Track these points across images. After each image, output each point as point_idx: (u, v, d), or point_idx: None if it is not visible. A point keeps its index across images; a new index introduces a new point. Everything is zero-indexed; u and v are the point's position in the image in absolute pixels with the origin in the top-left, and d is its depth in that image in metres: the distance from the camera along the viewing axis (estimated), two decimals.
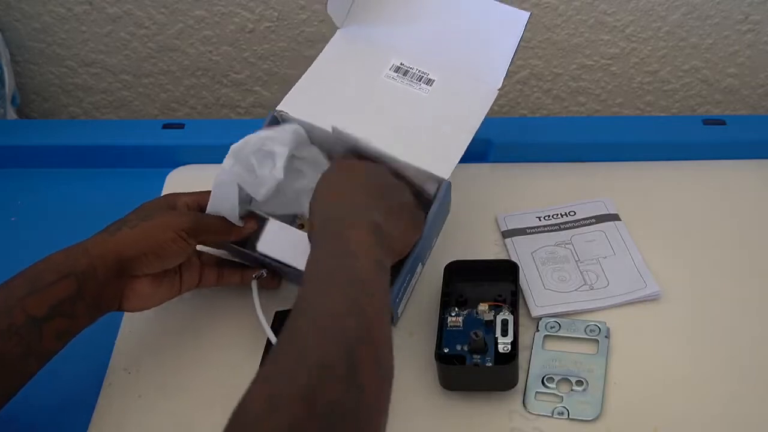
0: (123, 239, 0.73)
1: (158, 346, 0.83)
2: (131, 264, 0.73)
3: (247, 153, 0.76)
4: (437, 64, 0.86)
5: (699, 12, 1.14)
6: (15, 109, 1.27)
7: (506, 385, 0.75)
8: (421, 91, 0.85)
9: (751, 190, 0.93)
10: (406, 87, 0.86)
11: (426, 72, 0.86)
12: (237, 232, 0.79)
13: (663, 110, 1.27)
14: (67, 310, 0.70)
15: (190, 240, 0.75)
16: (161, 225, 0.75)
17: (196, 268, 0.81)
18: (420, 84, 0.86)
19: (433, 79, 0.86)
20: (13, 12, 1.23)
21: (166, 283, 0.78)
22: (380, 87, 0.86)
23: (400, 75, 0.86)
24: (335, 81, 0.87)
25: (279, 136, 0.78)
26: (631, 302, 0.82)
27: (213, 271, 0.82)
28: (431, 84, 0.86)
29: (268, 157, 0.77)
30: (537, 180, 0.95)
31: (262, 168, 0.76)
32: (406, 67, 0.86)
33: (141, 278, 0.75)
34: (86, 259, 0.71)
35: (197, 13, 1.22)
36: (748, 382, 0.76)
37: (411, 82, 0.86)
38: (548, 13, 1.16)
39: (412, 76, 0.86)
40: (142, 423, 0.77)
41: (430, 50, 0.87)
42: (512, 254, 0.86)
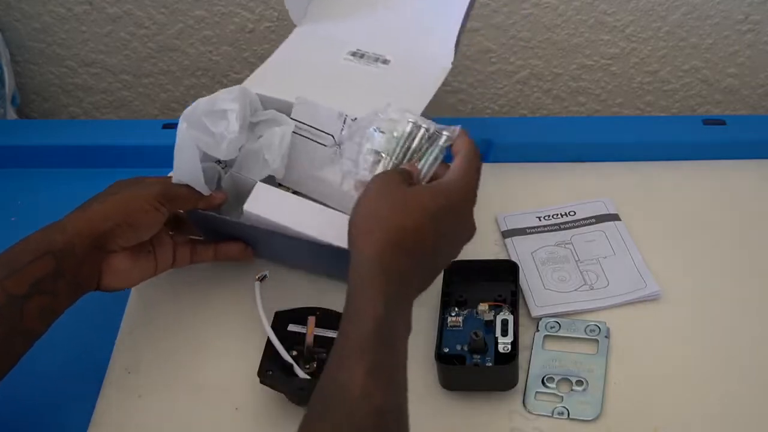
0: (96, 214, 0.75)
1: (158, 346, 0.83)
2: (106, 237, 0.74)
3: (199, 115, 0.79)
4: (392, 49, 0.92)
5: (699, 12, 1.15)
6: (15, 109, 1.27)
7: (506, 385, 0.75)
8: (378, 69, 0.91)
9: (751, 190, 0.93)
10: (363, 66, 0.91)
11: (381, 54, 0.92)
12: (207, 200, 0.80)
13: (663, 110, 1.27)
14: (47, 288, 0.71)
15: (161, 209, 0.77)
16: (131, 196, 0.76)
17: (169, 247, 0.81)
18: (377, 63, 0.91)
19: (389, 60, 0.92)
20: (13, 12, 1.23)
21: (142, 261, 0.79)
22: (339, 67, 0.91)
23: (357, 58, 0.92)
24: (295, 66, 0.92)
25: (227, 95, 0.81)
26: (631, 302, 0.81)
27: (186, 248, 0.83)
28: (387, 63, 0.91)
29: (221, 116, 0.80)
30: (537, 180, 0.95)
31: (217, 126, 0.79)
32: (362, 52, 0.92)
33: (118, 254, 0.76)
34: (62, 237, 0.73)
35: (197, 13, 1.22)
36: (748, 381, 0.76)
37: (368, 62, 0.91)
38: (548, 13, 1.16)
39: (369, 58, 0.92)
40: (142, 423, 0.77)
41: (385, 38, 0.93)
42: (512, 254, 0.86)
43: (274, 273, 0.82)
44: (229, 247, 0.84)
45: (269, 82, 0.89)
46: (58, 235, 0.73)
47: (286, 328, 0.78)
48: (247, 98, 0.83)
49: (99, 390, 0.79)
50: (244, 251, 0.84)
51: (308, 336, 0.77)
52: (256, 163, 0.83)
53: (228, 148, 0.80)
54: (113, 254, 0.76)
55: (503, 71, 1.23)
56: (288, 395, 0.75)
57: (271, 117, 0.85)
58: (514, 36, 1.18)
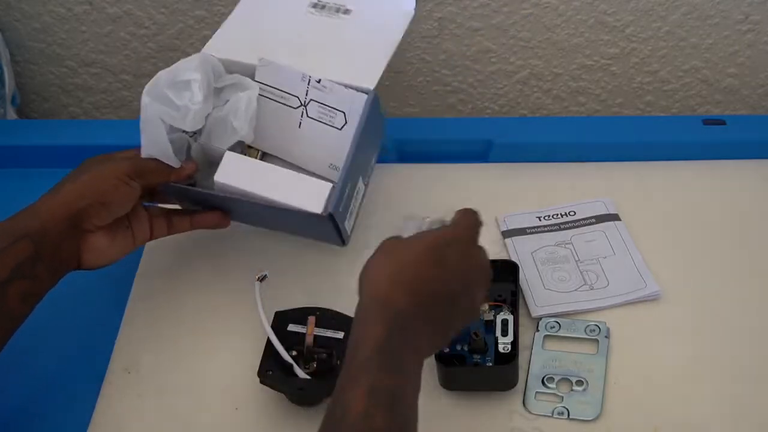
0: (68, 195, 0.75)
1: (158, 346, 0.83)
2: (81, 217, 0.75)
3: (162, 87, 0.79)
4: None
5: (699, 12, 1.14)
6: (15, 109, 1.27)
7: (506, 385, 0.75)
8: (340, 20, 0.90)
9: (751, 190, 0.93)
10: (324, 19, 0.91)
11: (342, 5, 0.91)
12: (177, 173, 0.80)
13: (663, 110, 1.27)
14: (27, 272, 0.72)
15: (133, 184, 0.77)
16: (102, 174, 0.76)
17: (145, 221, 0.82)
18: (338, 14, 0.91)
19: (350, 9, 0.91)
20: (13, 12, 1.23)
21: (120, 237, 0.79)
22: (301, 23, 0.91)
23: (318, 9, 0.92)
24: (256, 23, 0.92)
25: (188, 65, 0.81)
26: (631, 302, 0.81)
27: (162, 221, 0.83)
28: (348, 13, 0.91)
29: (184, 87, 0.80)
30: (537, 180, 0.95)
31: (181, 99, 0.79)
32: (323, 2, 0.92)
33: (94, 233, 0.76)
34: (37, 221, 0.73)
35: (197, 13, 1.22)
36: (749, 381, 0.76)
37: (330, 14, 0.91)
38: (548, 13, 1.16)
39: (330, 9, 0.91)
40: (142, 423, 0.77)
41: None
42: (512, 254, 0.86)
43: (274, 273, 0.82)
44: (205, 216, 0.84)
45: (231, 44, 0.89)
46: (32, 219, 0.73)
47: (286, 328, 0.78)
48: (209, 65, 0.83)
49: (99, 390, 0.79)
50: (221, 219, 0.84)
51: (308, 336, 0.77)
52: (225, 130, 0.83)
53: (194, 119, 0.80)
54: (90, 233, 0.76)
55: (503, 71, 1.23)
56: (288, 395, 0.75)
57: (236, 81, 0.85)
58: (514, 36, 1.18)
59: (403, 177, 0.95)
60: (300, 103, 0.85)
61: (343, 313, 0.79)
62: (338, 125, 0.84)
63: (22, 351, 0.83)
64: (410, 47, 1.20)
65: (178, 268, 0.89)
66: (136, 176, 0.77)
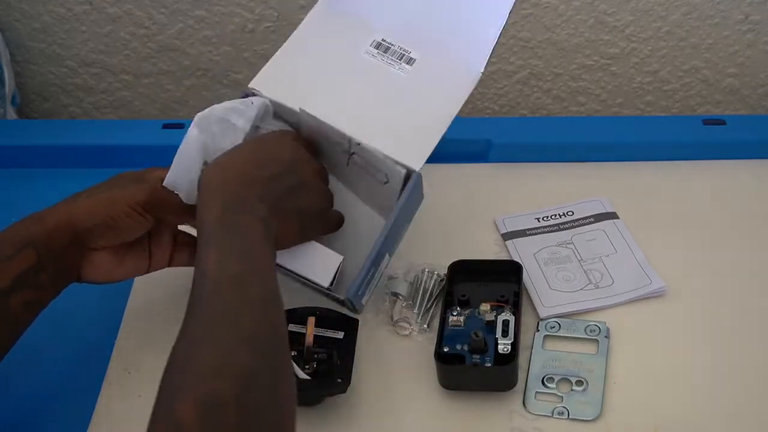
0: (77, 209, 0.73)
1: (158, 346, 0.82)
2: (85, 235, 0.73)
3: (211, 122, 0.76)
4: (420, 42, 0.84)
5: (699, 12, 1.14)
6: (15, 109, 1.27)
7: (506, 385, 0.75)
8: (400, 71, 0.83)
9: (751, 190, 0.93)
10: (385, 66, 0.83)
11: (408, 50, 0.84)
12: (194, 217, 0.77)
13: (663, 110, 1.27)
14: (31, 281, 0.71)
15: (146, 215, 0.75)
16: (116, 198, 0.74)
17: (167, 247, 0.79)
18: (400, 63, 0.83)
19: (414, 59, 0.83)
20: (13, 12, 1.23)
21: (131, 259, 0.77)
22: (358, 65, 0.83)
23: (381, 52, 0.84)
24: (312, 57, 0.85)
25: (245, 109, 0.78)
26: (638, 299, 0.82)
27: (185, 251, 0.80)
28: (412, 63, 0.83)
29: (230, 129, 0.77)
30: (537, 180, 0.95)
31: (224, 139, 0.76)
32: (387, 44, 0.84)
33: (100, 251, 0.75)
34: (42, 230, 0.72)
35: (197, 13, 1.22)
36: (749, 381, 0.76)
37: (391, 60, 0.83)
38: (548, 13, 1.16)
39: (393, 54, 0.83)
40: (142, 423, 0.77)
41: (414, 26, 0.84)
42: (514, 256, 0.86)
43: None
44: None
45: (278, 79, 0.83)
46: (38, 227, 0.72)
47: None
48: (264, 110, 0.80)
49: (99, 390, 0.79)
50: None
51: (308, 336, 0.77)
52: None
53: None
54: (95, 251, 0.75)
55: (503, 71, 1.23)
56: None
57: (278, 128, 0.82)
58: (514, 36, 1.18)
59: None
60: (346, 150, 0.80)
61: (343, 313, 0.79)
62: (381, 180, 0.79)
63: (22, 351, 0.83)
64: None
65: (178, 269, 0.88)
66: (151, 207, 0.75)
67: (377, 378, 0.78)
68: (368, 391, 0.77)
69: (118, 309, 0.85)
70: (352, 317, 0.78)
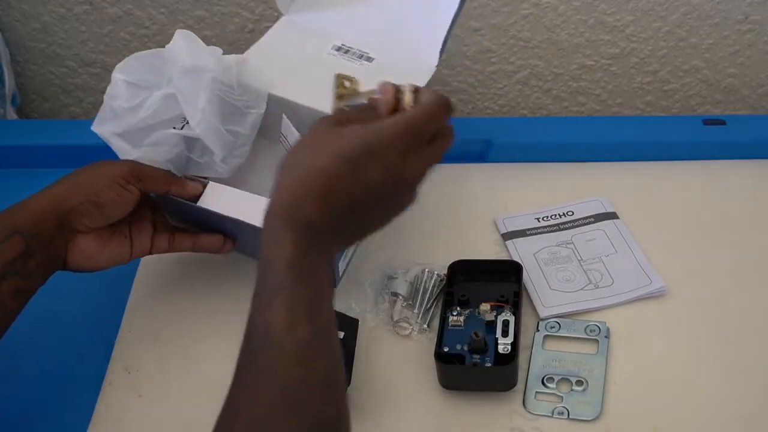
0: (60, 192, 0.74)
1: (158, 346, 0.83)
2: (70, 216, 0.73)
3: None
4: (377, 45, 0.92)
5: (699, 12, 1.14)
6: (15, 109, 1.27)
7: (506, 385, 0.75)
8: (361, 66, 0.90)
9: (751, 190, 0.93)
10: (347, 62, 0.91)
11: (366, 51, 0.92)
12: (179, 185, 0.78)
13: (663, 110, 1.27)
14: (19, 269, 0.71)
15: (130, 187, 0.75)
16: (97, 174, 0.75)
17: (147, 234, 0.80)
18: (361, 60, 0.91)
19: (373, 57, 0.91)
20: (13, 12, 1.23)
21: (114, 244, 0.77)
22: (322, 61, 0.91)
23: (341, 53, 0.92)
24: (278, 56, 0.91)
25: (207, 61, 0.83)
26: (638, 299, 0.82)
27: (165, 237, 0.81)
28: (371, 61, 0.91)
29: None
30: (537, 180, 0.95)
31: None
32: (347, 47, 0.92)
33: (86, 234, 0.75)
34: (27, 216, 0.72)
35: (197, 13, 1.22)
36: (748, 381, 0.76)
37: (352, 58, 0.91)
38: (548, 13, 1.16)
39: (353, 54, 0.91)
40: (142, 423, 0.77)
41: (370, 33, 0.93)
42: (514, 256, 0.86)
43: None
44: (208, 238, 0.82)
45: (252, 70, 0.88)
46: (22, 214, 0.72)
47: None
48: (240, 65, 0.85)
49: (99, 390, 0.79)
50: (223, 244, 0.82)
51: None
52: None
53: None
54: (80, 234, 0.75)
55: (503, 71, 1.23)
56: None
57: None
58: (514, 36, 1.18)
59: None
60: None
61: (343, 313, 0.79)
62: None
63: (23, 351, 0.83)
64: None
65: (178, 269, 0.88)
66: (134, 180, 0.75)
67: (377, 378, 0.78)
68: (368, 391, 0.77)
69: (118, 309, 0.85)
70: (353, 317, 0.78)
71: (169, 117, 0.80)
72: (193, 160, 0.82)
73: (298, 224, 0.56)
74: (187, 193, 0.79)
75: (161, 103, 0.79)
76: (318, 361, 0.55)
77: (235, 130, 0.83)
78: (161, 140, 0.79)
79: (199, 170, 0.82)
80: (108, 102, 0.79)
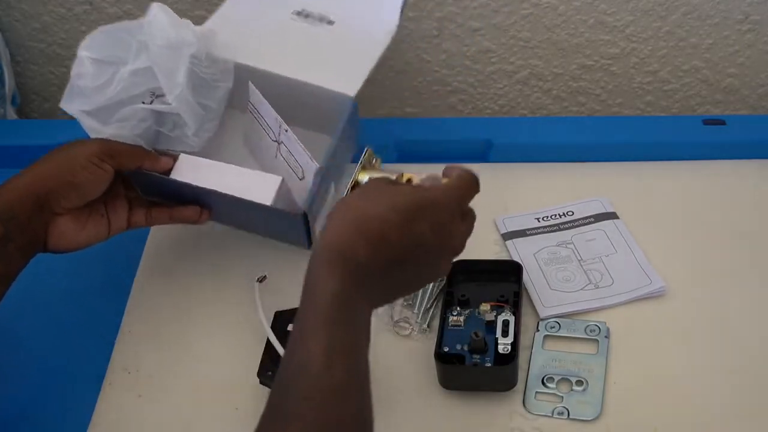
0: (36, 175, 0.74)
1: (158, 346, 0.83)
2: (49, 198, 0.74)
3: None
4: (337, 8, 0.93)
5: (699, 12, 1.14)
6: (15, 109, 1.27)
7: (506, 385, 0.75)
8: (323, 30, 0.92)
9: (751, 190, 0.93)
10: (309, 25, 0.92)
11: (326, 15, 0.93)
12: (152, 160, 0.80)
13: (663, 110, 1.27)
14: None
15: (104, 165, 0.76)
16: (72, 154, 0.76)
17: (123, 210, 0.81)
18: (322, 23, 0.92)
19: (334, 21, 0.93)
20: (13, 12, 1.23)
21: (92, 223, 0.78)
22: (285, 25, 0.92)
23: (302, 18, 0.93)
24: (239, 25, 0.92)
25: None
26: (637, 299, 0.82)
27: (141, 211, 0.82)
28: (332, 24, 0.92)
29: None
30: (537, 180, 0.95)
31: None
32: (307, 12, 0.93)
33: (64, 216, 0.76)
34: (4, 201, 0.72)
35: (197, 13, 1.22)
36: (748, 381, 0.76)
37: (313, 22, 0.92)
38: (548, 13, 1.16)
39: (314, 17, 0.93)
40: (142, 423, 0.77)
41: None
42: (514, 256, 0.86)
43: (273, 273, 0.82)
44: (184, 210, 0.83)
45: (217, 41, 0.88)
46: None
47: (286, 328, 0.78)
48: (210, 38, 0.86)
49: (99, 390, 0.79)
50: (200, 214, 0.83)
51: None
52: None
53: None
54: (58, 216, 0.75)
55: (503, 71, 1.23)
56: None
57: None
58: (514, 36, 1.18)
59: None
60: (275, 139, 0.85)
61: None
62: (299, 176, 0.83)
63: (23, 351, 0.83)
64: (410, 47, 1.20)
65: (178, 269, 0.89)
66: (107, 157, 0.76)
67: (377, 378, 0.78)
68: None
69: (118, 309, 0.85)
70: None
71: (137, 92, 0.80)
72: (163, 134, 0.83)
73: (347, 262, 0.57)
74: (160, 167, 0.80)
75: (129, 79, 0.79)
76: (352, 398, 0.56)
77: (205, 103, 0.84)
78: (130, 115, 0.80)
79: (171, 144, 0.83)
80: (75, 81, 0.79)
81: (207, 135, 0.85)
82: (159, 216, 0.83)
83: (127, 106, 0.80)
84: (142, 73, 0.79)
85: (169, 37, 0.79)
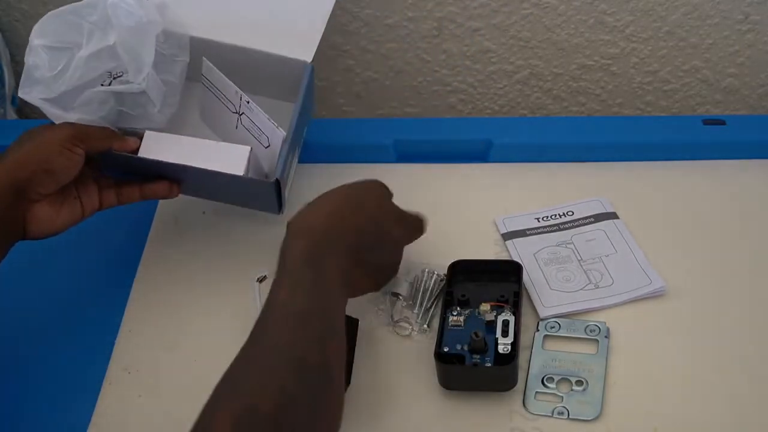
0: (11, 164, 0.75)
1: (158, 346, 0.83)
2: (25, 187, 0.75)
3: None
4: None
5: (699, 12, 1.14)
6: (15, 109, 1.27)
7: (506, 385, 0.75)
8: None
9: (751, 190, 0.93)
10: None
11: None
12: (120, 141, 0.81)
13: (663, 110, 1.27)
14: None
15: (76, 150, 0.77)
16: (45, 141, 0.76)
17: (94, 191, 0.82)
18: None
19: None
20: (13, 12, 1.23)
21: (67, 207, 0.79)
22: None
23: None
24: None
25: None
26: (637, 299, 0.82)
27: (111, 191, 0.83)
28: None
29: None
30: (537, 180, 0.95)
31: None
32: None
33: (40, 202, 0.76)
34: None
35: None
36: (748, 381, 0.76)
37: None
38: (548, 13, 1.16)
39: None
40: (142, 423, 0.77)
41: None
42: (514, 256, 0.86)
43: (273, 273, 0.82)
44: (154, 186, 0.84)
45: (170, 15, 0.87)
46: None
47: None
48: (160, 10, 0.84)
49: (99, 390, 0.79)
50: (170, 189, 0.84)
51: None
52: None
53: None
54: (35, 203, 0.76)
55: (503, 71, 1.23)
56: None
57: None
58: (514, 36, 1.18)
59: (403, 177, 0.95)
60: (236, 111, 0.85)
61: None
62: (264, 144, 0.84)
63: (23, 351, 0.83)
64: (410, 47, 1.20)
65: (177, 269, 0.89)
66: (79, 141, 0.77)
67: (377, 378, 0.78)
68: (368, 391, 0.77)
69: (118, 309, 0.85)
70: (353, 317, 0.78)
71: (95, 75, 0.80)
72: (125, 113, 0.83)
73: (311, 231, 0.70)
74: (129, 147, 0.81)
75: (86, 63, 0.79)
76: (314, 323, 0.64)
77: (166, 79, 0.84)
78: (91, 99, 0.80)
79: (135, 122, 0.83)
80: (32, 71, 0.79)
81: (171, 111, 0.85)
82: (129, 193, 0.84)
83: (87, 90, 0.79)
84: (97, 55, 0.79)
85: (138, 18, 0.79)
